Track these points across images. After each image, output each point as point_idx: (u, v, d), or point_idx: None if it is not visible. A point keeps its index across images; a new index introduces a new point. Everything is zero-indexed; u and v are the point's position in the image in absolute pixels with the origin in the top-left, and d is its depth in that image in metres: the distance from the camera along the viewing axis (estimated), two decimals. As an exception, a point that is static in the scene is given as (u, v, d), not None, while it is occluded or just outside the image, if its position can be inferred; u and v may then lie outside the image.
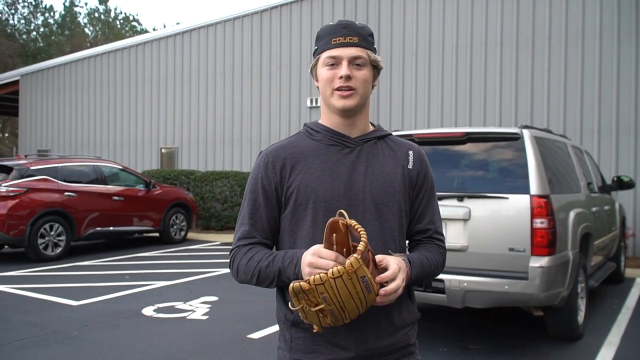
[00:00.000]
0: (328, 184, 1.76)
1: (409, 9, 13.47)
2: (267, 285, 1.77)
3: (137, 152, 18.52)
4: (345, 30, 1.77)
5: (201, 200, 14.13)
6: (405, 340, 1.83)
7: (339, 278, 1.46)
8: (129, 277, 8.48)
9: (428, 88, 13.19)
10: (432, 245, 1.88)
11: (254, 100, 16.02)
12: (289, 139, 1.90)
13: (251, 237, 1.82)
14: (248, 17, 16.22)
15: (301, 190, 1.77)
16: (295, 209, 1.78)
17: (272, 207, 1.81)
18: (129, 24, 54.22)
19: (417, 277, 1.75)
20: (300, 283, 1.48)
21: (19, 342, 5.33)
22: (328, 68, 1.77)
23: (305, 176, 1.78)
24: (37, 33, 48.58)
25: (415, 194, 1.87)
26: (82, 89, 20.05)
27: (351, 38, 1.76)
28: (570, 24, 11.61)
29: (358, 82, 1.76)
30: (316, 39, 1.85)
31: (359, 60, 1.76)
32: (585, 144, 11.15)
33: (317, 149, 1.82)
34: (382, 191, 1.78)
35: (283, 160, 1.81)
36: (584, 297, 5.78)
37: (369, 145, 1.83)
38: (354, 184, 1.77)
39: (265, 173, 1.81)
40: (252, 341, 5.44)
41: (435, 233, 1.90)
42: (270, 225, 1.83)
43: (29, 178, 9.97)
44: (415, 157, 1.87)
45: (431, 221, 1.89)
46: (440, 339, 5.54)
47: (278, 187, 1.81)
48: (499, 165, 5.27)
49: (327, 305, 1.51)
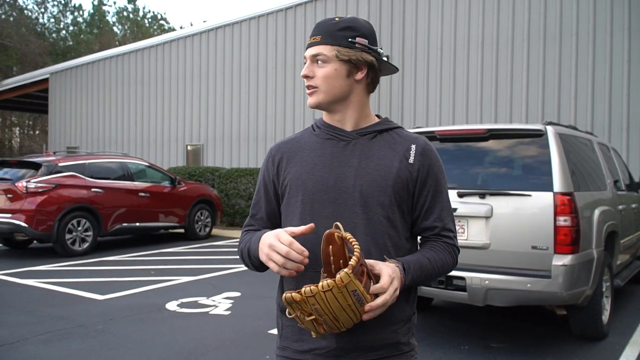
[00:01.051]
0: (318, 176, 1.78)
1: (434, 4, 13.38)
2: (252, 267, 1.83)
3: (163, 149, 18.72)
4: (314, 31, 1.81)
5: (226, 197, 14.24)
6: (393, 337, 1.77)
7: (329, 291, 1.47)
8: (154, 273, 8.59)
9: (453, 84, 13.09)
10: (438, 243, 1.82)
11: (278, 98, 16.08)
12: (295, 134, 1.94)
13: (251, 225, 1.93)
14: (273, 14, 16.27)
15: (293, 183, 1.81)
16: (288, 200, 1.83)
17: (270, 199, 1.90)
18: (157, 22, 54.85)
19: (414, 281, 1.71)
20: (292, 294, 1.50)
21: (45, 335, 5.44)
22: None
23: (298, 169, 1.81)
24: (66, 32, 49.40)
25: (418, 189, 1.81)
26: (110, 86, 20.33)
27: (314, 38, 1.79)
28: (599, 19, 11.43)
29: (318, 80, 1.77)
30: None
31: (320, 57, 1.77)
32: (613, 141, 10.97)
33: (314, 144, 1.84)
34: (372, 184, 1.75)
35: (282, 154, 1.87)
36: (609, 296, 5.69)
37: (366, 138, 1.82)
38: (345, 177, 1.76)
39: (266, 167, 1.90)
40: (273, 337, 5.44)
41: (443, 230, 1.83)
42: (269, 216, 1.91)
43: (57, 174, 10.15)
44: (418, 152, 1.81)
45: (439, 218, 1.83)
46: (461, 337, 5.51)
47: (275, 180, 1.87)
48: (522, 162, 5.21)
49: (319, 316, 1.53)
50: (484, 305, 4.99)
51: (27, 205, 9.67)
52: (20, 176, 10.04)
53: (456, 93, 13.05)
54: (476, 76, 12.79)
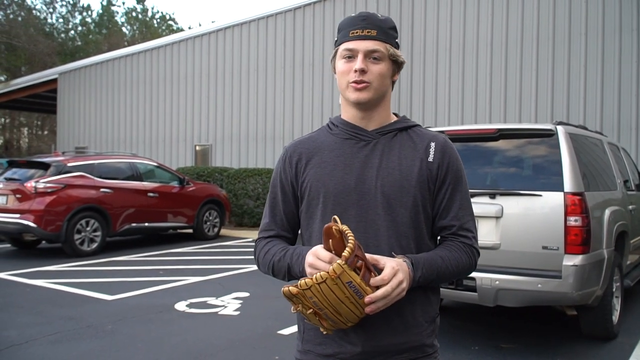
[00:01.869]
0: (339, 178, 1.74)
1: (442, 5, 13.35)
2: (282, 279, 1.80)
3: (172, 149, 18.76)
4: (364, 23, 1.74)
5: (234, 197, 14.26)
6: (418, 340, 1.75)
7: (324, 283, 1.45)
8: (162, 273, 8.61)
9: (462, 85, 13.06)
10: (454, 242, 1.78)
11: (286, 98, 16.09)
12: (310, 133, 1.91)
13: (270, 229, 1.87)
14: (281, 14, 16.28)
15: (313, 185, 1.77)
16: (309, 203, 1.79)
17: (288, 200, 1.85)
18: (166, 22, 54.99)
19: (426, 279, 1.67)
20: (289, 288, 1.49)
21: (54, 335, 5.46)
22: (345, 61, 1.75)
23: (317, 170, 1.78)
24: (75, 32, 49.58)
25: (437, 188, 1.78)
26: (119, 87, 20.39)
27: (369, 31, 1.73)
28: (607, 19, 11.36)
29: (373, 76, 1.72)
30: (337, 31, 1.83)
31: (376, 54, 1.72)
32: (622, 140, 10.91)
33: (333, 143, 1.80)
34: (394, 185, 1.72)
35: (299, 154, 1.83)
36: (619, 297, 5.66)
37: (386, 138, 1.79)
38: (366, 178, 1.73)
39: (283, 167, 1.85)
40: (282, 337, 5.47)
41: (460, 229, 1.79)
42: (288, 218, 1.86)
43: (66, 174, 10.19)
44: (437, 149, 1.78)
45: (456, 217, 1.78)
46: (471, 338, 5.49)
47: (294, 182, 1.83)
48: (532, 162, 5.18)
49: (319, 309, 1.52)
50: (495, 305, 4.97)
51: (35, 205, 9.71)
52: (29, 176, 10.09)
53: (465, 93, 13.02)
54: (485, 77, 12.75)
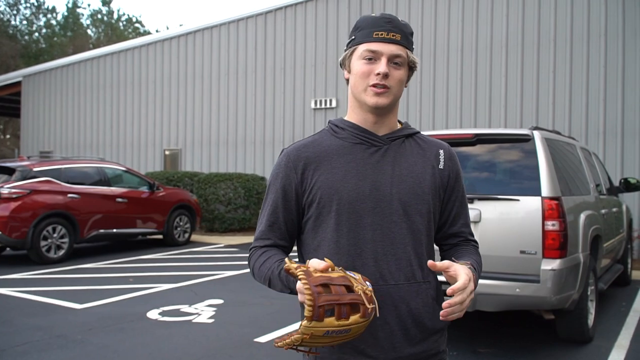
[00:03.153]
0: (352, 184, 1.68)
1: (414, 11, 13.42)
2: (280, 291, 1.72)
3: (140, 154, 18.48)
4: (389, 25, 1.67)
5: (205, 202, 14.09)
6: (435, 348, 1.75)
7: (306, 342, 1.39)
8: (133, 280, 8.43)
9: (433, 89, 13.14)
10: (470, 247, 1.81)
11: (258, 102, 15.99)
12: (312, 137, 1.82)
13: (267, 238, 1.78)
14: (252, 18, 16.18)
15: (324, 192, 1.69)
16: (319, 211, 1.70)
17: (290, 208, 1.75)
18: (132, 25, 54.24)
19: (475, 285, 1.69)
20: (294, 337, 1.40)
21: (22, 346, 5.28)
22: (365, 62, 1.67)
23: (328, 177, 1.70)
24: (39, 34, 48.59)
25: (447, 195, 1.79)
26: (85, 90, 20.03)
27: (394, 35, 1.67)
28: (576, 25, 11.56)
29: (394, 81, 1.67)
30: (354, 29, 1.74)
31: (399, 59, 1.67)
32: (590, 145, 11.09)
33: (341, 148, 1.73)
34: (410, 192, 1.69)
35: (305, 160, 1.73)
36: (594, 300, 5.72)
37: (396, 144, 1.75)
38: (381, 185, 1.68)
39: (286, 173, 1.75)
40: (260, 345, 5.38)
41: (470, 235, 1.84)
42: (288, 226, 1.78)
43: (32, 179, 9.92)
44: (447, 157, 1.79)
45: (465, 223, 1.82)
46: (450, 343, 5.45)
47: (299, 189, 1.73)
48: (510, 167, 5.21)
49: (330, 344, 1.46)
50: (473, 310, 4.97)
51: (0, 211, 9.43)
52: (-6, 182, 9.80)
53: (436, 98, 13.10)
54: (456, 82, 12.85)
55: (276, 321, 6.12)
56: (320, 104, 14.73)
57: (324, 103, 14.68)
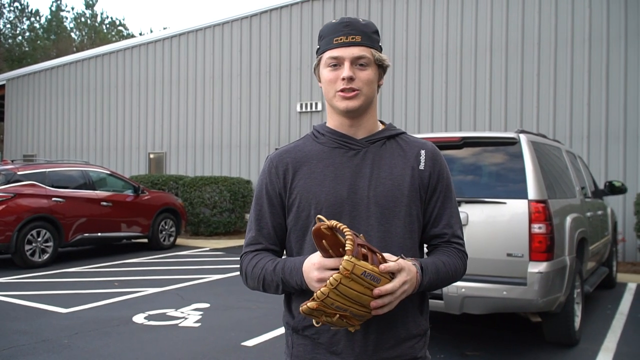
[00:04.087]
0: (330, 188, 1.70)
1: (399, 14, 13.47)
2: (274, 293, 1.73)
3: (124, 157, 18.35)
4: (347, 29, 1.69)
5: (190, 206, 14.01)
6: (410, 353, 1.73)
7: (340, 284, 1.42)
8: (118, 284, 8.36)
9: (418, 93, 13.19)
10: (450, 249, 1.78)
11: (243, 105, 15.94)
12: (295, 142, 1.84)
13: (257, 243, 1.79)
14: (237, 21, 16.15)
15: (303, 196, 1.72)
16: (298, 214, 1.73)
17: (276, 212, 1.78)
18: (116, 28, 53.91)
19: (430, 285, 1.67)
20: (307, 305, 1.45)
21: (7, 350, 5.21)
22: (330, 69, 1.71)
23: (307, 181, 1.72)
24: (22, 37, 48.10)
25: (428, 196, 1.77)
26: (69, 93, 19.85)
27: (353, 37, 1.69)
28: (560, 29, 11.66)
29: (361, 82, 1.69)
30: (318, 38, 1.78)
31: (362, 60, 1.69)
32: (575, 148, 11.18)
33: (321, 153, 1.76)
34: (387, 195, 1.70)
35: (286, 165, 1.76)
36: (580, 303, 5.76)
37: (375, 146, 1.76)
38: (358, 188, 1.70)
39: (269, 178, 1.78)
40: (247, 349, 5.35)
41: (453, 237, 1.79)
42: (276, 230, 1.79)
43: (16, 183, 9.82)
44: (428, 157, 1.77)
45: (448, 224, 1.78)
46: (437, 346, 5.48)
47: (282, 193, 1.76)
48: (496, 170, 5.23)
49: (343, 311, 1.48)
50: (461, 313, 4.98)
51: (-17, 215, 9.32)
52: (-23, 185, 9.68)
53: (421, 101, 13.14)
54: (441, 85, 12.90)
55: (262, 325, 6.09)
56: (306, 107, 14.73)
57: (309, 106, 14.68)
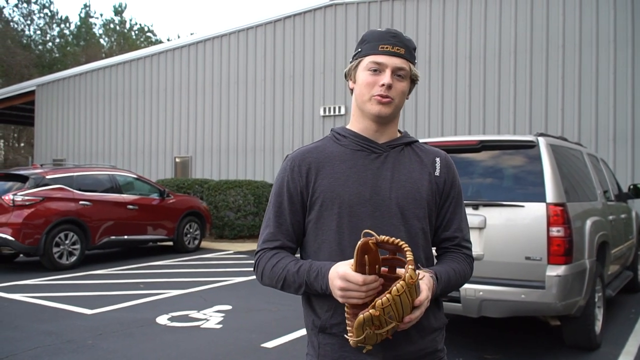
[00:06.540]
0: (353, 189, 1.77)
1: (422, 19, 13.47)
2: (293, 293, 1.79)
3: (151, 161, 18.62)
4: (393, 39, 1.78)
5: (215, 209, 14.16)
6: (433, 346, 1.82)
7: (403, 293, 1.49)
8: (143, 286, 8.50)
9: (441, 96, 13.17)
10: (459, 254, 1.88)
11: (267, 110, 16.08)
12: (315, 143, 1.91)
13: (276, 239, 1.83)
14: (262, 27, 16.30)
15: (327, 195, 1.77)
16: (320, 213, 1.79)
17: (296, 210, 1.83)
18: (144, 34, 54.71)
19: (442, 292, 1.77)
20: (370, 312, 1.50)
21: (33, 350, 5.35)
22: (370, 73, 1.78)
23: (330, 181, 1.78)
24: (52, 44, 49.11)
25: (442, 201, 1.88)
26: (97, 99, 20.22)
27: (398, 48, 1.77)
28: (585, 31, 11.55)
29: (396, 92, 1.77)
30: (360, 42, 1.85)
31: (402, 72, 1.77)
32: (600, 151, 11.06)
33: (343, 154, 1.82)
34: (408, 197, 1.78)
35: (309, 164, 1.82)
36: (602, 307, 5.70)
37: (395, 151, 1.84)
38: (380, 190, 1.77)
39: (291, 176, 1.83)
40: (267, 350, 5.42)
41: (462, 241, 1.90)
42: (294, 228, 1.84)
43: (45, 187, 10.04)
44: (443, 165, 1.88)
45: (458, 229, 1.89)
46: (455, 349, 5.48)
47: (304, 191, 1.81)
48: (515, 173, 5.23)
49: (390, 321, 1.54)
50: (479, 316, 4.98)
51: (13, 218, 9.54)
52: (7, 189, 9.91)
53: (444, 104, 13.12)
54: (464, 88, 12.87)
55: (283, 327, 6.16)
56: (329, 111, 14.80)
57: (332, 110, 14.75)
